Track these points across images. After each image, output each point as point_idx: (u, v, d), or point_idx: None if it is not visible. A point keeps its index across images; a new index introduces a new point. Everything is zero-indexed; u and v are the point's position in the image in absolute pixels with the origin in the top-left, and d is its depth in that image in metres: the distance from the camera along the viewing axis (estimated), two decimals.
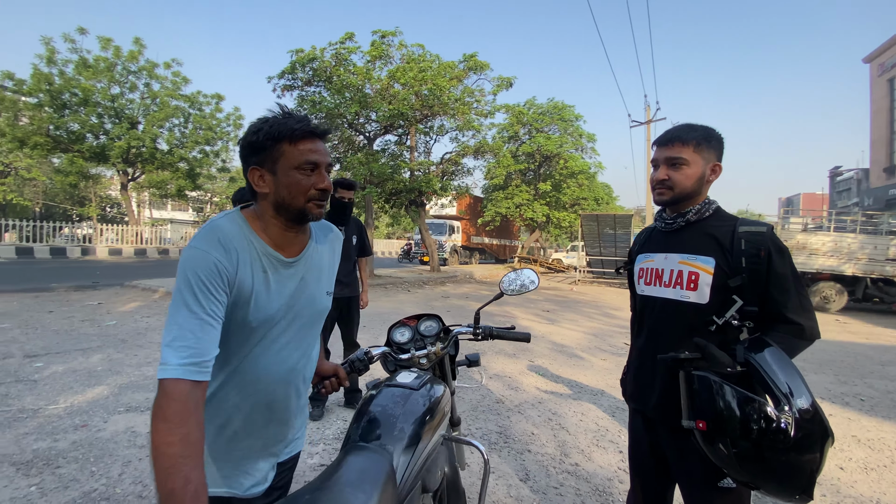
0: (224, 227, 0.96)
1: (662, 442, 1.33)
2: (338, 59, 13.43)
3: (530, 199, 22.95)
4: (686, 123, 1.31)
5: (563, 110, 23.52)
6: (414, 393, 1.19)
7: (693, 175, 1.28)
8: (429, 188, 14.35)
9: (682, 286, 1.28)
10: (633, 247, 1.54)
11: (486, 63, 14.90)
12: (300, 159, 0.97)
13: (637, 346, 1.44)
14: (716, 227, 1.28)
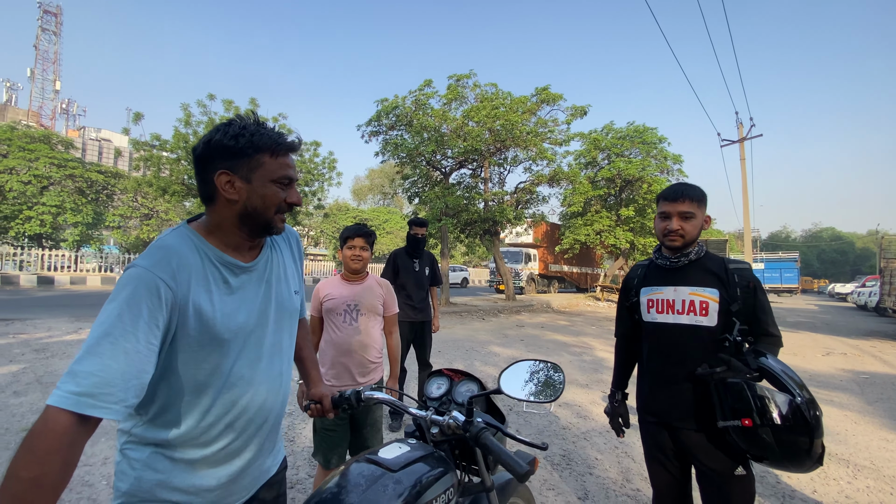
0: (173, 245, 0.91)
1: (686, 445, 1.57)
2: (417, 104, 14.66)
3: (612, 224, 22.14)
4: (684, 182, 1.68)
5: (645, 133, 22.68)
6: (386, 476, 0.94)
7: (698, 225, 1.62)
8: (502, 217, 14.70)
9: (695, 313, 1.58)
10: (631, 282, 1.80)
11: (558, 95, 15.18)
12: (279, 173, 0.96)
13: (652, 366, 1.68)
14: (711, 265, 1.62)
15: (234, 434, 0.98)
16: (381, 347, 2.37)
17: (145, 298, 0.82)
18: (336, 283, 2.34)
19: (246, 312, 0.99)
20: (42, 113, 72.25)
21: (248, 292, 1.00)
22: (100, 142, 65.47)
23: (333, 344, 2.25)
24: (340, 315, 2.26)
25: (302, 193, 24.14)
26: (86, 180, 24.94)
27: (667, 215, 1.62)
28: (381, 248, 41.69)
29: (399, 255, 4.03)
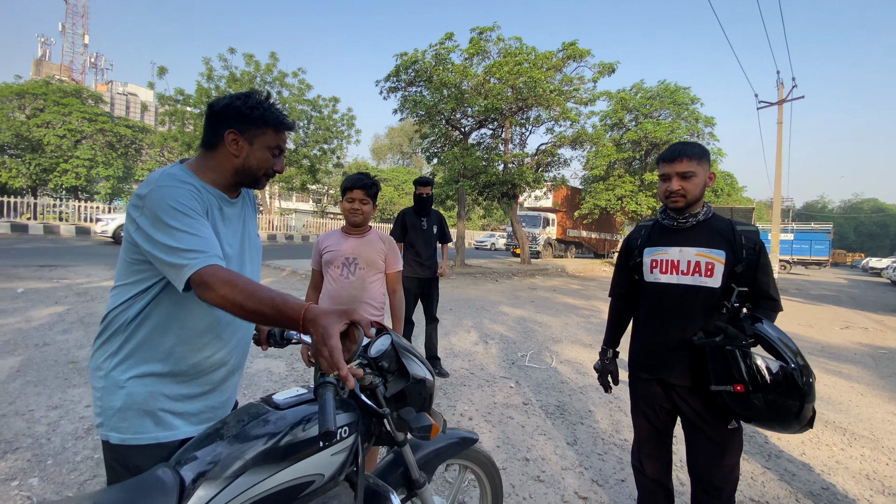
0: (179, 173, 1.07)
1: (678, 401, 1.64)
2: (437, 59, 14.23)
3: (634, 190, 21.57)
4: (683, 141, 1.64)
5: (676, 93, 21.57)
6: (269, 413, 0.98)
7: (700, 184, 1.60)
8: (522, 180, 14.50)
9: (700, 273, 1.59)
10: (635, 242, 1.81)
11: (586, 50, 14.48)
12: (275, 143, 1.16)
13: (651, 325, 1.70)
14: (719, 226, 1.62)
15: (218, 343, 1.14)
16: (380, 304, 2.27)
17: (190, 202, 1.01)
18: (337, 236, 2.26)
19: (232, 240, 1.17)
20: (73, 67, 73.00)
21: (233, 223, 1.19)
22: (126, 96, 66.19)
23: (328, 296, 2.20)
24: (338, 268, 2.19)
25: (321, 151, 24.22)
26: (115, 135, 25.53)
27: (667, 176, 1.62)
28: (398, 209, 41.82)
29: (407, 213, 4.15)
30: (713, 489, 1.60)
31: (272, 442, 0.92)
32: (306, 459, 0.96)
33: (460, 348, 5.08)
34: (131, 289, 1.06)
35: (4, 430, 2.59)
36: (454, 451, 1.47)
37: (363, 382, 1.11)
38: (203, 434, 0.96)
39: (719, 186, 27.40)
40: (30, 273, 7.84)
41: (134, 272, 1.06)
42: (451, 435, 1.48)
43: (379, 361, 1.17)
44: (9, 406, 2.90)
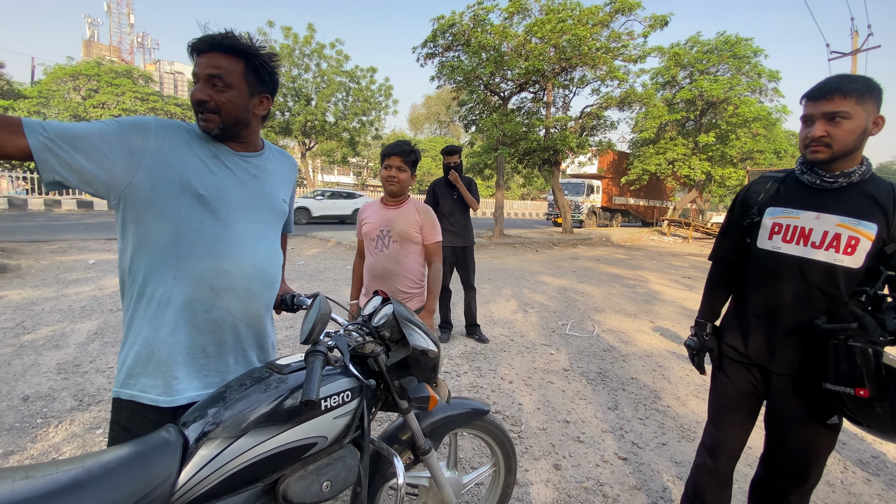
0: (179, 122, 1.10)
1: (777, 390, 1.38)
2: (475, 20, 13.66)
3: (687, 153, 20.20)
4: (842, 74, 1.26)
5: (738, 45, 19.69)
6: (272, 378, 1.00)
7: (856, 130, 1.22)
8: (564, 146, 13.93)
9: (837, 249, 1.25)
10: (755, 197, 1.44)
11: (636, 2, 13.37)
12: (193, 72, 1.09)
13: (760, 304, 1.39)
14: (877, 191, 1.25)
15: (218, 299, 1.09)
16: (418, 276, 2.21)
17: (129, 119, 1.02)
18: (375, 207, 2.23)
19: (232, 185, 1.12)
20: (121, 47, 76.51)
21: (238, 174, 1.14)
22: (174, 75, 68.86)
23: (368, 269, 2.21)
24: (374, 240, 2.16)
25: (359, 123, 24.28)
26: (166, 113, 26.74)
27: (809, 119, 1.27)
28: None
29: (437, 184, 4.16)
30: (796, 482, 1.39)
31: (274, 404, 0.94)
32: (308, 422, 0.98)
33: (500, 316, 5.09)
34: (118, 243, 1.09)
35: (87, 385, 2.89)
36: (463, 421, 1.48)
37: (364, 350, 1.13)
38: (208, 397, 0.99)
39: (783, 147, 25.19)
40: (98, 245, 8.54)
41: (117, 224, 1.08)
42: (460, 405, 1.48)
43: (381, 330, 1.18)
44: (90, 364, 3.21)
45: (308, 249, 9.84)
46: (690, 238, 18.20)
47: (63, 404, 2.63)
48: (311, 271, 7.20)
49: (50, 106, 23.21)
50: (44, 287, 5.31)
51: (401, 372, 1.19)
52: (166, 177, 1.03)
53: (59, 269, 6.29)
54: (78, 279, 5.77)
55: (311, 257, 8.73)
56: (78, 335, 3.77)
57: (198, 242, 1.06)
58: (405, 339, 1.19)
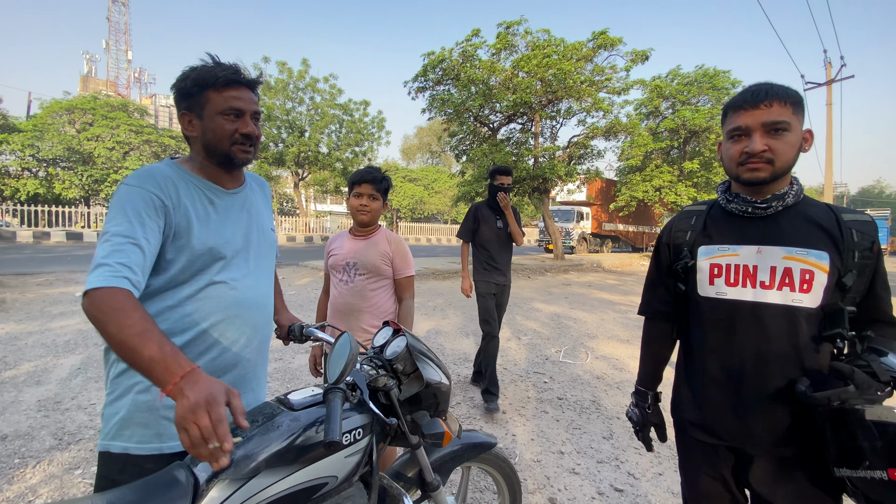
0: (158, 168, 1.03)
1: (760, 475, 1.09)
2: (464, 56, 14.19)
3: (673, 180, 20.73)
4: (768, 81, 1.08)
5: (716, 77, 20.59)
6: (283, 414, 0.96)
7: (796, 144, 1.05)
8: (553, 174, 14.25)
9: (792, 287, 1.04)
10: (681, 235, 1.22)
11: (617, 38, 14.02)
12: (224, 105, 1.03)
13: (713, 364, 1.13)
14: (817, 214, 1.07)
15: (225, 343, 1.07)
16: (385, 313, 2.03)
17: (144, 206, 0.95)
18: (342, 238, 2.08)
19: (232, 230, 1.10)
20: (118, 82, 77.82)
21: (231, 214, 1.12)
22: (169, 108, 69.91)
23: (331, 303, 2.05)
24: (340, 272, 2.01)
25: (352, 153, 24.68)
26: (160, 145, 26.97)
27: (742, 131, 1.06)
28: (429, 209, 42.09)
29: (480, 208, 3.44)
30: None
31: (286, 443, 0.90)
32: (320, 461, 0.94)
33: None
34: None
35: (68, 423, 2.80)
36: (471, 455, 1.45)
37: (377, 384, 1.09)
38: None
39: None
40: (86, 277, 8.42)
41: None
42: (468, 438, 1.45)
43: (393, 363, 1.14)
44: (71, 401, 3.12)
45: (299, 279, 9.78)
46: None
47: (42, 443, 2.54)
48: (302, 301, 7.13)
49: (44, 139, 23.32)
50: (28, 321, 5.20)
51: (411, 406, 1.16)
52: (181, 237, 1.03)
53: (44, 303, 6.17)
54: (63, 312, 5.66)
55: (302, 287, 8.67)
56: (60, 370, 3.67)
57: (206, 291, 1.05)
58: (418, 372, 1.15)
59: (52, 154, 23.53)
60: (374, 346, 1.25)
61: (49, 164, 24.14)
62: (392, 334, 1.23)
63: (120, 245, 0.89)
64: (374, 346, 1.24)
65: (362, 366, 1.17)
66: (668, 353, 1.35)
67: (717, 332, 1.13)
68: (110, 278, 0.84)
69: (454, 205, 18.50)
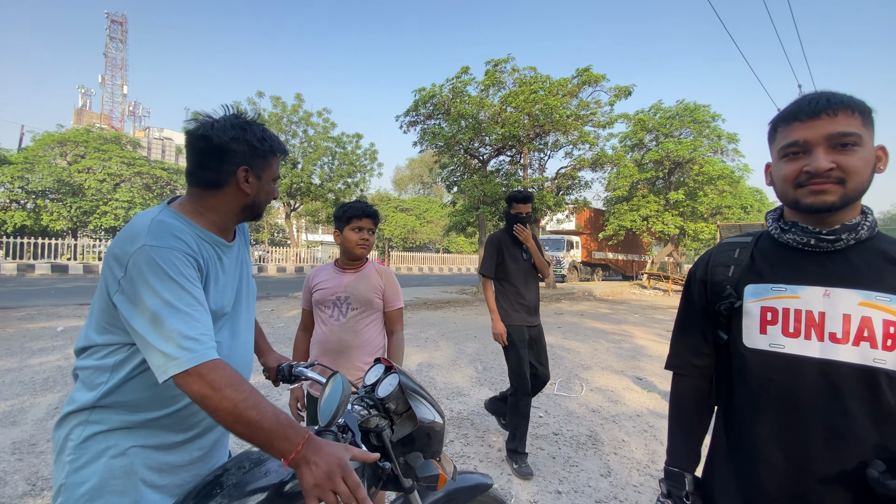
0: (171, 223, 0.94)
1: None
2: (454, 92, 14.67)
3: (660, 209, 21.22)
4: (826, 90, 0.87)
5: (696, 111, 21.42)
6: (272, 461, 0.95)
7: (870, 161, 0.83)
8: (542, 204, 14.49)
9: (873, 343, 0.79)
10: (719, 270, 0.98)
11: (601, 75, 14.64)
12: (277, 173, 1.11)
13: (772, 437, 0.86)
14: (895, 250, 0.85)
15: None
16: (377, 349, 1.98)
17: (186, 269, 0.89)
18: (329, 271, 2.02)
19: (232, 289, 1.07)
20: (112, 116, 78.60)
21: (231, 269, 1.09)
22: (163, 140, 70.50)
23: (318, 340, 1.96)
24: (329, 308, 1.94)
25: (344, 185, 24.96)
26: (152, 177, 27.00)
27: (800, 147, 0.84)
28: (421, 238, 42.24)
29: (503, 239, 3.05)
30: None
31: (274, 491, 0.87)
32: None
33: (487, 377, 4.98)
34: (104, 351, 0.93)
35: (42, 468, 2.66)
36: (466, 498, 1.38)
37: (368, 425, 1.06)
38: (203, 482, 0.92)
39: (749, 203, 26.65)
40: (69, 312, 8.22)
41: (109, 333, 0.93)
42: (463, 480, 1.38)
43: (385, 403, 1.09)
44: (47, 443, 2.98)
45: (288, 311, 9.65)
46: (671, 291, 18.53)
47: (14, 489, 2.40)
48: (290, 334, 7.02)
49: (35, 171, 23.25)
50: (6, 357, 5.02)
51: (403, 447, 1.11)
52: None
53: (24, 338, 5.99)
54: (44, 348, 5.49)
55: (291, 319, 8.54)
56: (37, 410, 3.53)
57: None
58: (411, 412, 1.10)
59: (41, 186, 23.41)
60: (364, 384, 1.20)
61: (38, 196, 23.96)
62: (384, 372, 1.19)
63: (193, 313, 0.85)
64: (365, 384, 1.20)
65: (353, 406, 1.13)
66: (707, 421, 1.05)
67: (771, 397, 0.87)
68: (208, 351, 0.82)
69: (445, 234, 18.63)
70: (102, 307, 0.92)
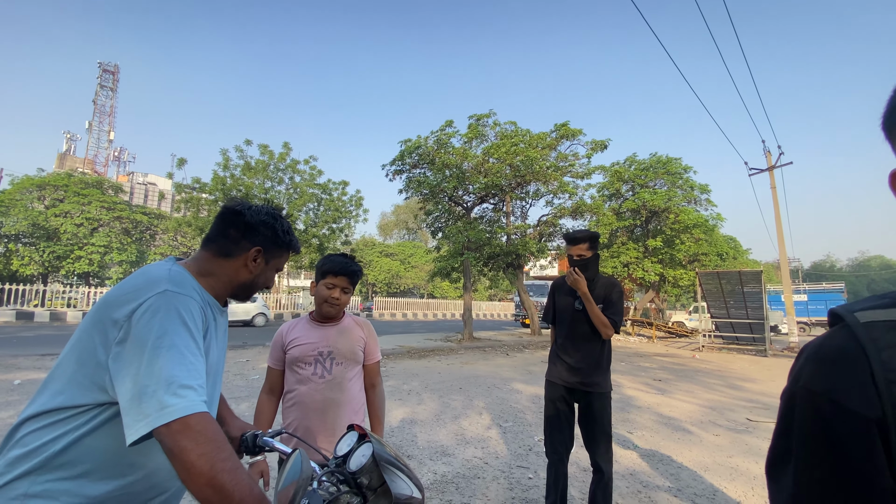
0: (188, 276, 1.00)
1: None
2: (439, 143, 15.22)
3: (639, 256, 21.72)
4: None
5: (669, 163, 22.55)
6: None
7: None
8: (525, 251, 14.72)
9: None
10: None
11: (577, 130, 15.42)
12: (282, 266, 1.20)
13: None
14: None
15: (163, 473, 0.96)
16: (361, 404, 1.88)
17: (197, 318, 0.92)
18: (305, 326, 1.88)
19: (218, 352, 1.08)
20: (96, 161, 78.40)
21: (221, 333, 1.11)
22: (146, 185, 70.24)
23: (298, 402, 1.79)
24: (310, 365, 1.80)
25: (329, 230, 25.02)
26: (132, 221, 26.63)
27: None
28: (405, 283, 42.01)
29: (558, 286, 2.74)
30: None
31: None
32: None
33: (472, 434, 4.77)
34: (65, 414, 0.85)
35: None
36: None
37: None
38: None
39: (724, 250, 27.51)
40: (30, 363, 7.72)
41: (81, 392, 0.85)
42: None
43: (358, 477, 1.00)
44: None
45: (262, 362, 9.21)
46: (654, 337, 18.57)
47: None
48: None
49: (9, 215, 22.69)
50: None
51: None
52: None
53: None
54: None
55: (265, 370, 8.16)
56: None
57: None
58: (386, 487, 1.00)
59: (14, 230, 22.78)
60: (336, 454, 1.11)
61: (10, 240, 23.24)
62: (357, 440, 1.10)
63: (196, 363, 0.85)
64: (337, 454, 1.10)
65: (321, 481, 1.02)
66: None
67: None
68: (201, 403, 0.80)
69: (430, 279, 18.56)
70: (81, 360, 0.86)
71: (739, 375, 9.71)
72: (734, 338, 16.84)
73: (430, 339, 14.63)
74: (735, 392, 7.71)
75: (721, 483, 3.55)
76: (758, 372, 10.35)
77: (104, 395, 0.85)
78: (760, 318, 14.64)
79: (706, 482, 3.57)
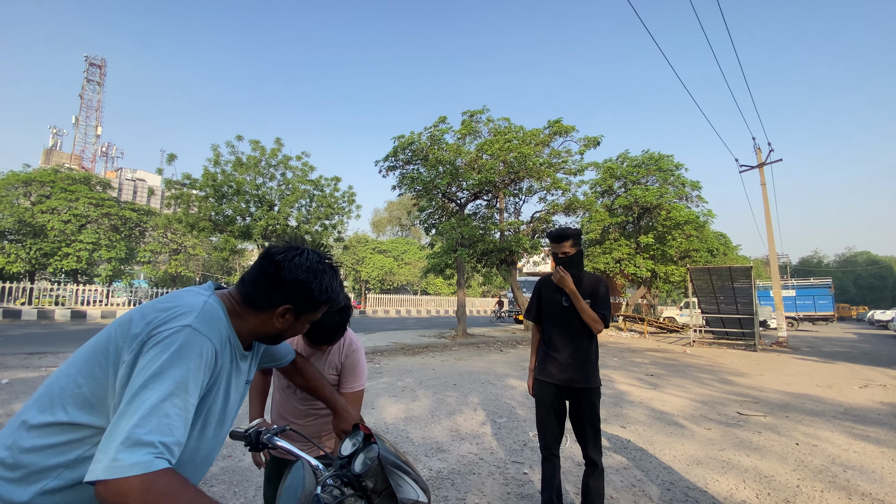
0: (220, 315, 0.95)
1: None
2: (432, 139, 15.17)
3: (631, 252, 21.86)
4: None
5: (661, 160, 22.68)
6: None
7: None
8: (518, 247, 14.76)
9: None
10: None
11: (571, 126, 15.46)
12: (317, 318, 1.10)
13: None
14: None
15: None
16: None
17: (205, 366, 0.86)
18: (299, 342, 1.81)
19: (236, 395, 1.04)
20: (84, 156, 77.07)
21: (241, 377, 1.06)
22: (135, 181, 69.25)
23: (278, 407, 1.82)
24: (281, 378, 1.78)
25: (321, 226, 24.86)
26: (120, 218, 26.26)
27: None
28: (398, 280, 41.95)
29: (543, 284, 2.73)
30: None
31: None
32: None
33: (467, 430, 4.79)
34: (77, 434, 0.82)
35: None
36: None
37: None
38: None
39: (714, 246, 27.80)
40: (17, 362, 7.60)
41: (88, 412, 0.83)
42: None
43: (363, 480, 0.99)
44: None
45: None
46: (646, 333, 18.75)
47: None
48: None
49: None
50: None
51: None
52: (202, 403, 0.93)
53: None
54: None
55: None
56: None
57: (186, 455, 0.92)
58: (391, 490, 1.00)
59: (0, 227, 22.35)
60: (340, 454, 1.08)
61: None
62: (362, 441, 1.08)
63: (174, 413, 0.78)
64: (341, 454, 1.08)
65: (325, 483, 1.01)
66: None
67: None
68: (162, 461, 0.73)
69: (424, 276, 18.58)
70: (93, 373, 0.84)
71: (730, 370, 9.84)
72: (724, 333, 17.05)
73: (424, 335, 14.64)
74: (726, 386, 7.82)
75: (713, 476, 3.60)
76: (748, 366, 10.49)
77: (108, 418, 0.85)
78: (750, 314, 14.83)
79: (698, 475, 3.61)
